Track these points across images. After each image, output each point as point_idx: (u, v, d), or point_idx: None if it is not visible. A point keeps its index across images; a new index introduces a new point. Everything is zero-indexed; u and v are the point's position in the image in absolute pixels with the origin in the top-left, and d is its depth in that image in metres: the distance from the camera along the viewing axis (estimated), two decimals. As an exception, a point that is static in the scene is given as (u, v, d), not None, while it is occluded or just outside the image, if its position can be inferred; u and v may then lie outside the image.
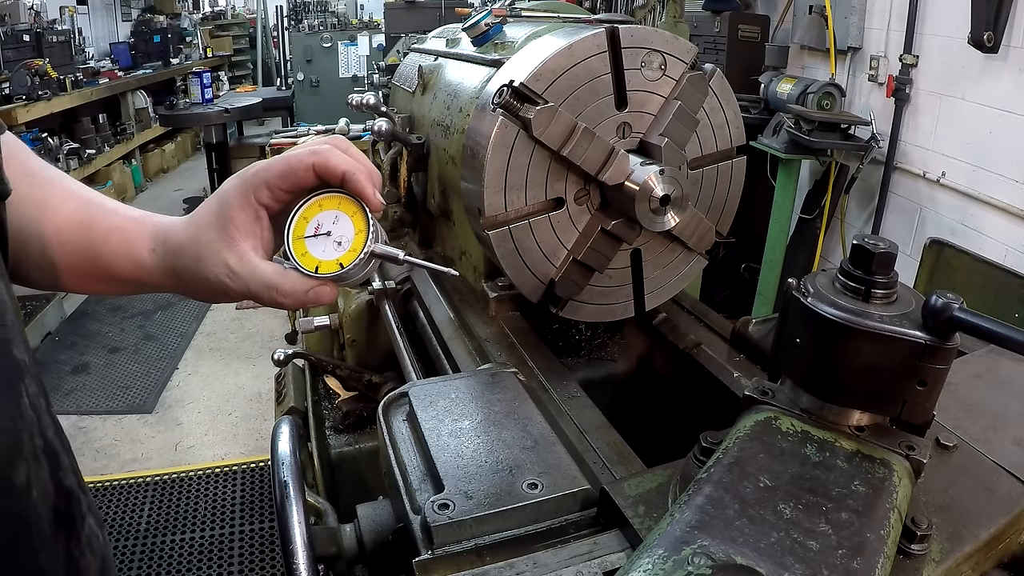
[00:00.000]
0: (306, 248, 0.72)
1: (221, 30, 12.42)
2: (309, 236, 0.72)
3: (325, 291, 0.73)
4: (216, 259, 0.71)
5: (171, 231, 0.75)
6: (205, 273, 0.72)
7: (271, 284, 0.71)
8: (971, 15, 3.01)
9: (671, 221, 1.42)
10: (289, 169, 0.71)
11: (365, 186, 0.71)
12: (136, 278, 0.76)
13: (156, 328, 5.21)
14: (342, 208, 0.72)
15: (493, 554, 0.84)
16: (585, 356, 1.74)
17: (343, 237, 0.72)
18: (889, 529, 0.70)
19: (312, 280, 0.72)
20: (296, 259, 0.72)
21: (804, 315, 0.79)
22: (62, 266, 0.77)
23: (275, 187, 0.71)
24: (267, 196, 0.71)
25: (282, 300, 0.72)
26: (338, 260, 0.72)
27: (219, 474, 3.59)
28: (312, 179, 0.72)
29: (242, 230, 0.71)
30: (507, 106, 1.35)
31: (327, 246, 0.72)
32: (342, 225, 0.72)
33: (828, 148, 3.74)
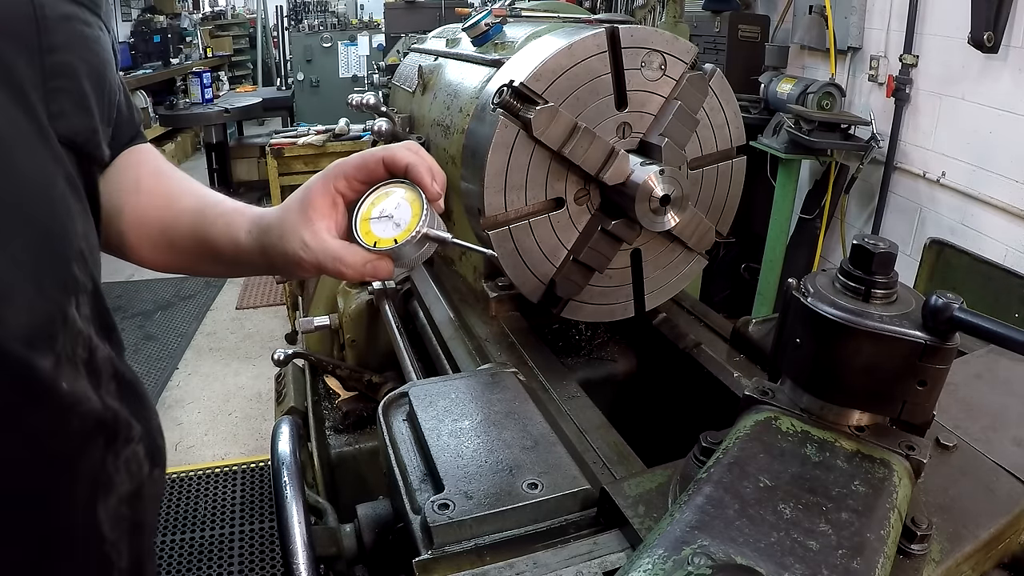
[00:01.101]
0: (370, 227, 0.84)
1: (221, 30, 12.41)
2: (374, 218, 0.84)
3: (382, 264, 0.84)
4: (295, 235, 0.83)
5: (264, 216, 0.89)
6: (286, 247, 0.84)
7: (336, 255, 0.82)
8: (971, 15, 3.01)
9: (671, 221, 1.42)
10: (363, 162, 0.84)
11: (424, 176, 0.83)
12: (234, 256, 0.90)
13: (156, 328, 5.20)
14: (405, 196, 0.84)
15: (493, 554, 0.84)
16: (585, 356, 1.74)
17: (402, 220, 0.83)
18: (889, 529, 0.70)
19: (370, 254, 0.83)
20: (359, 235, 0.83)
21: (804, 315, 0.80)
22: (178, 247, 0.94)
23: (351, 177, 0.84)
24: (344, 185, 0.84)
25: (344, 270, 0.83)
26: (394, 237, 0.83)
27: (219, 474, 3.59)
28: (382, 171, 0.84)
29: (319, 212, 0.83)
30: (507, 106, 1.35)
31: (387, 226, 0.84)
32: (402, 210, 0.84)
33: (828, 148, 3.74)
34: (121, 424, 0.74)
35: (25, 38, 0.66)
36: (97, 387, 0.70)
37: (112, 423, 0.72)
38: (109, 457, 0.72)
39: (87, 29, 0.75)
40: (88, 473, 0.69)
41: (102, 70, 0.77)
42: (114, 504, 0.73)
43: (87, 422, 0.68)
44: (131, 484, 0.75)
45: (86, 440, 0.69)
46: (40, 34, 0.67)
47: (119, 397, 0.75)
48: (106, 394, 0.72)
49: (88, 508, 0.70)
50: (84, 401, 0.67)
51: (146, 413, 0.80)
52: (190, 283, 5.83)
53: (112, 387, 0.74)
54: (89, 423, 0.69)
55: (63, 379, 0.64)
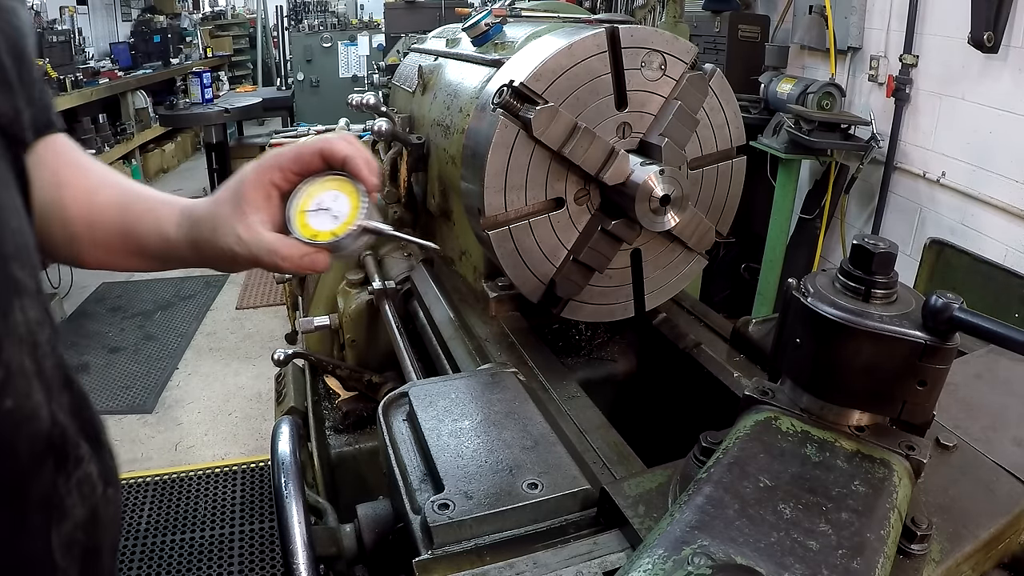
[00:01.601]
0: (306, 220, 0.82)
1: (221, 30, 12.41)
2: (311, 210, 0.83)
3: (319, 258, 0.83)
4: (228, 229, 0.81)
5: (195, 208, 0.86)
6: (219, 242, 0.81)
7: (272, 248, 0.80)
8: (971, 15, 3.00)
9: (671, 221, 1.42)
10: (299, 154, 0.82)
11: (361, 168, 0.82)
12: (163, 251, 0.87)
13: (156, 328, 5.20)
14: (342, 189, 0.83)
15: (493, 554, 0.84)
16: (585, 356, 1.74)
17: (340, 213, 0.82)
18: (889, 529, 0.70)
19: (308, 247, 0.82)
20: (296, 228, 0.82)
21: (804, 315, 0.80)
22: (103, 244, 0.89)
23: (287, 169, 0.82)
24: (279, 177, 0.82)
25: (281, 263, 0.81)
26: (332, 231, 0.82)
27: (219, 474, 3.59)
28: (319, 163, 0.82)
29: (253, 205, 0.81)
30: (507, 106, 1.35)
31: (325, 219, 0.82)
32: (340, 203, 0.83)
33: (828, 148, 3.74)
34: (70, 443, 0.67)
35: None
36: (48, 400, 0.64)
37: (61, 443, 0.66)
38: (60, 479, 0.66)
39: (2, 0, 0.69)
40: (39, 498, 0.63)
41: (19, 43, 0.71)
42: (68, 530, 0.67)
43: (36, 443, 0.62)
44: (84, 508, 0.69)
45: (36, 462, 0.62)
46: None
47: (70, 411, 0.68)
48: (57, 408, 0.66)
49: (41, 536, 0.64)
50: (33, 419, 0.62)
51: (96, 429, 0.74)
52: (190, 283, 5.83)
53: (64, 400, 0.67)
54: (39, 444, 0.63)
55: (9, 395, 0.58)
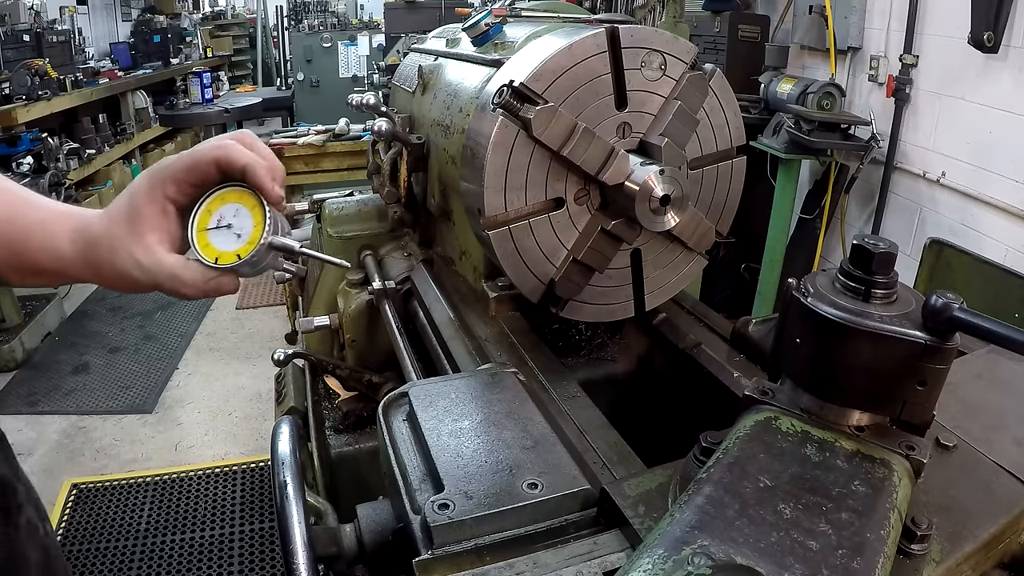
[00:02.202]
0: (208, 240, 0.76)
1: (221, 30, 12.40)
2: (211, 228, 0.76)
3: (225, 281, 0.77)
4: (125, 252, 0.74)
5: (90, 224, 0.78)
6: (116, 265, 0.75)
7: (173, 274, 0.75)
8: (971, 15, 3.00)
9: (671, 221, 1.42)
10: (193, 164, 0.74)
11: (264, 180, 0.75)
12: (58, 269, 0.79)
13: (156, 328, 5.20)
14: (243, 201, 0.76)
15: (493, 554, 0.84)
16: (585, 356, 1.74)
17: (243, 229, 0.76)
18: (889, 529, 0.70)
19: (212, 270, 0.76)
20: (198, 250, 0.76)
21: (804, 315, 0.80)
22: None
23: (181, 181, 0.74)
24: (174, 190, 0.74)
25: (184, 291, 0.76)
26: (236, 252, 0.76)
27: (219, 474, 3.59)
28: (215, 173, 0.75)
29: (149, 223, 0.74)
30: (507, 106, 1.35)
31: (228, 238, 0.76)
32: (242, 218, 0.76)
33: (828, 148, 3.74)
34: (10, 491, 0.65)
35: None
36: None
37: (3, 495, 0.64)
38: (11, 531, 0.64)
39: None
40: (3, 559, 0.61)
41: None
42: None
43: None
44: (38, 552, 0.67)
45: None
46: None
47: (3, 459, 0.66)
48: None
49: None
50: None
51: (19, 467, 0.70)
52: (190, 283, 5.83)
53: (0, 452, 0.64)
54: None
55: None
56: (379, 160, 2.26)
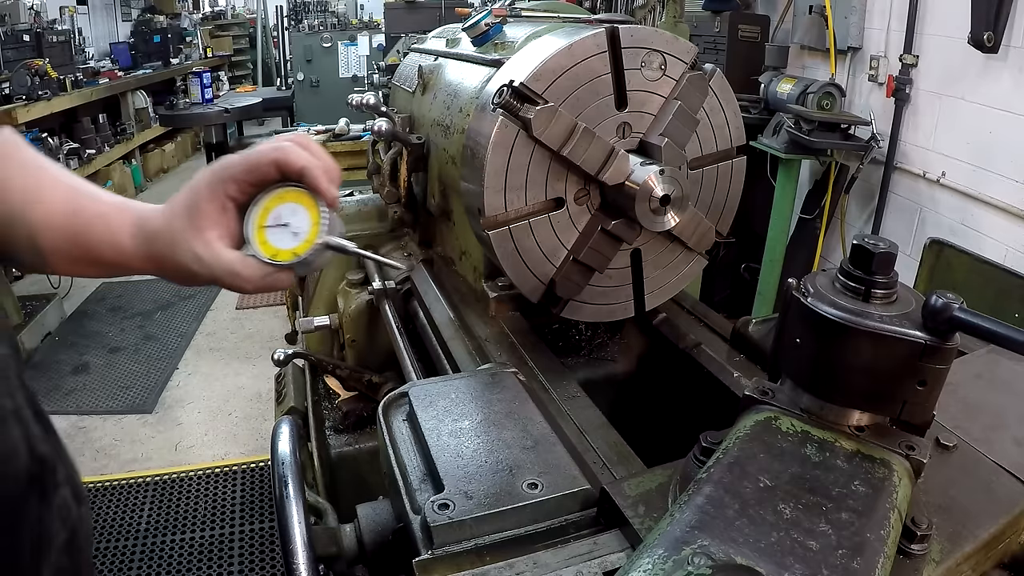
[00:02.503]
0: (265, 237, 0.78)
1: (221, 30, 12.40)
2: (269, 226, 0.78)
3: (281, 277, 0.80)
4: (185, 246, 0.77)
5: (150, 219, 0.80)
6: (176, 258, 0.78)
7: (232, 270, 0.77)
8: (971, 15, 3.00)
9: (671, 221, 1.42)
10: (253, 164, 0.77)
11: (320, 180, 0.77)
12: (118, 261, 0.82)
13: (156, 328, 5.20)
14: (300, 201, 0.79)
15: (493, 554, 0.84)
16: (585, 356, 1.74)
17: (299, 228, 0.79)
18: (889, 529, 0.70)
19: (269, 267, 0.78)
20: (256, 247, 0.78)
21: (804, 315, 0.80)
22: (51, 250, 0.82)
23: (241, 180, 0.77)
24: (234, 189, 0.77)
25: (242, 284, 0.78)
26: (293, 250, 0.78)
27: (219, 474, 3.59)
28: (274, 173, 0.77)
29: (209, 220, 0.77)
30: (507, 106, 1.35)
31: (284, 236, 0.79)
32: (299, 217, 0.79)
33: (828, 148, 3.74)
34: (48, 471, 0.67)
35: None
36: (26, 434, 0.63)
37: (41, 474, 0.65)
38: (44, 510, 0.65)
39: None
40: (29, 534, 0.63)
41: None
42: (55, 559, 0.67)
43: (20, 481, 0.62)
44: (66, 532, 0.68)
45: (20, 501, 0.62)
46: None
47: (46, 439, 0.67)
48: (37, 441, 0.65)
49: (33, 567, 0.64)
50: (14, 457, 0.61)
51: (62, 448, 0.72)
52: (190, 283, 5.83)
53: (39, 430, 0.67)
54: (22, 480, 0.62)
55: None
56: (379, 160, 2.26)
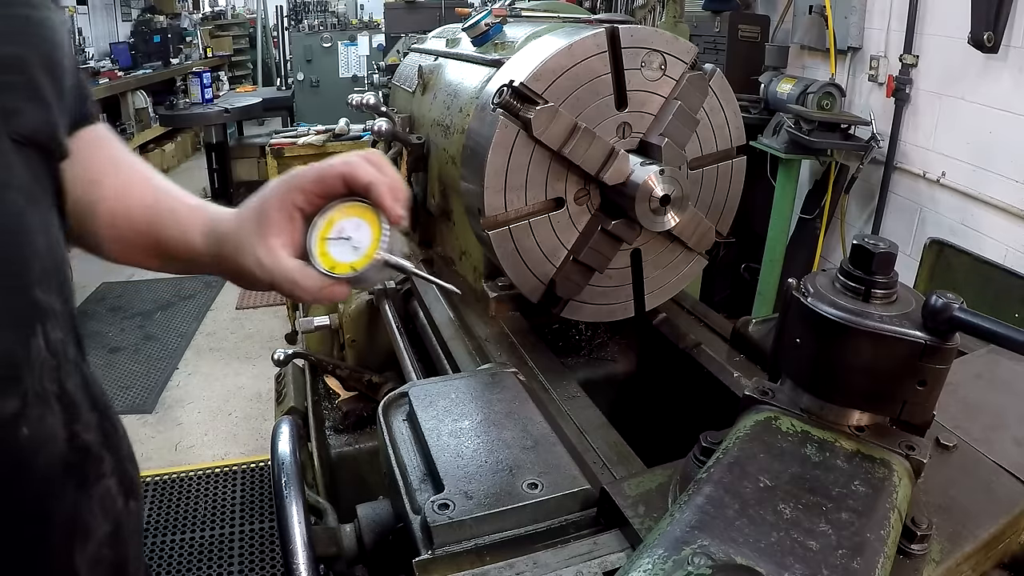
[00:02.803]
0: (326, 249, 0.79)
1: (221, 30, 12.40)
2: (331, 238, 0.79)
3: (338, 290, 0.80)
4: (250, 250, 0.79)
5: (220, 221, 0.84)
6: (240, 261, 0.80)
7: (291, 278, 0.78)
8: (971, 15, 3.00)
9: (671, 221, 1.42)
10: (321, 176, 0.79)
11: (385, 197, 0.78)
12: (187, 258, 0.86)
13: (156, 328, 5.20)
14: (364, 216, 0.79)
15: (493, 554, 0.84)
16: (585, 356, 1.74)
17: (360, 243, 0.79)
18: (889, 529, 0.70)
19: (327, 279, 0.79)
20: (316, 257, 0.79)
21: (804, 315, 0.80)
22: (137, 244, 0.89)
23: (309, 192, 0.79)
24: (302, 199, 0.79)
25: (299, 293, 0.79)
26: (351, 264, 0.79)
27: (219, 474, 3.59)
28: (341, 187, 0.79)
29: (275, 227, 0.79)
30: (507, 106, 1.35)
31: (345, 249, 0.79)
32: (362, 232, 0.79)
33: (828, 148, 3.74)
34: (92, 460, 0.69)
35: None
36: (71, 422, 0.65)
37: (81, 462, 0.67)
38: (82, 499, 0.67)
39: (32, 12, 0.68)
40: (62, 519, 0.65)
41: (53, 55, 0.70)
42: (93, 549, 0.68)
43: (53, 467, 0.63)
44: (108, 524, 0.70)
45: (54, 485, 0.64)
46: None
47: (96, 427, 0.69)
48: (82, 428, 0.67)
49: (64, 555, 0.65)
50: (49, 443, 0.63)
51: (118, 441, 0.75)
52: (190, 283, 5.83)
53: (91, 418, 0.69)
54: (56, 467, 0.63)
55: (25, 423, 0.60)
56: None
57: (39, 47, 0.68)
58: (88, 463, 0.68)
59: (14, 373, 0.60)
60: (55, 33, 0.71)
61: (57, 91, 0.70)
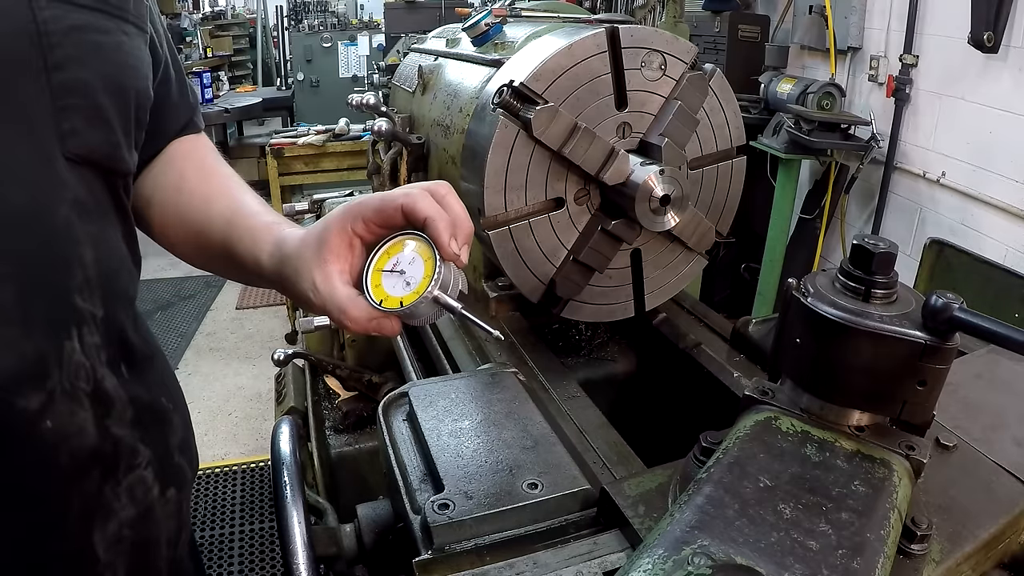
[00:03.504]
0: (380, 281, 0.78)
1: (221, 30, 12.37)
2: (387, 271, 0.78)
3: (387, 324, 0.79)
4: (307, 274, 0.79)
5: (286, 242, 0.85)
6: (298, 283, 0.81)
7: (341, 306, 0.78)
8: (971, 15, 3.00)
9: (671, 221, 1.42)
10: (382, 206, 0.78)
11: (442, 235, 0.76)
12: (255, 272, 0.89)
13: (156, 328, 5.20)
14: (420, 251, 0.78)
15: (493, 554, 0.84)
16: (585, 356, 1.74)
17: (413, 278, 0.77)
18: (889, 529, 0.70)
19: (376, 311, 0.77)
20: (368, 289, 0.78)
21: (804, 315, 0.79)
22: (211, 252, 0.93)
23: (369, 221, 0.79)
24: (362, 227, 0.79)
25: (347, 322, 0.79)
26: (401, 299, 0.77)
27: (219, 474, 3.59)
28: (401, 219, 0.78)
29: (334, 254, 0.79)
30: (507, 106, 1.35)
31: (398, 283, 0.78)
32: (416, 267, 0.78)
33: (828, 148, 3.74)
34: (123, 453, 0.73)
35: (28, 58, 0.64)
36: (104, 416, 0.69)
37: (111, 454, 0.71)
38: (107, 487, 0.71)
39: (103, 38, 0.72)
40: (82, 504, 0.69)
41: (122, 79, 0.74)
42: (114, 529, 0.72)
43: (79, 456, 0.67)
44: (135, 508, 0.74)
45: (78, 473, 0.68)
46: (45, 52, 0.65)
47: (133, 423, 0.73)
48: (114, 423, 0.71)
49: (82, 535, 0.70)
50: (76, 435, 0.67)
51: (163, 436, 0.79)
52: (190, 283, 5.83)
53: (128, 414, 0.73)
54: (82, 457, 0.68)
55: (50, 417, 0.64)
56: (379, 160, 2.26)
57: (106, 72, 0.71)
58: (120, 454, 0.72)
59: (42, 371, 0.64)
60: (128, 57, 0.75)
61: (124, 113, 0.74)
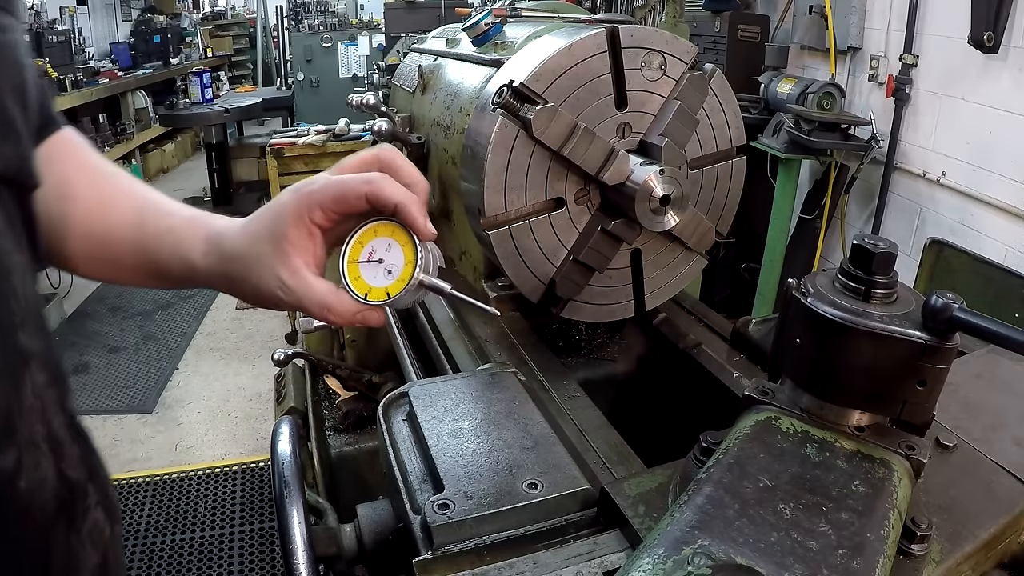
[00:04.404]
0: (359, 273, 0.75)
1: (221, 30, 12.40)
2: (363, 261, 0.75)
3: (373, 315, 0.76)
4: (269, 272, 0.73)
5: (224, 237, 0.77)
6: (257, 283, 0.74)
7: (323, 303, 0.74)
8: (971, 15, 3.00)
9: (671, 221, 1.42)
10: (342, 195, 0.73)
11: (416, 218, 0.73)
12: (188, 276, 0.79)
13: (156, 328, 5.20)
14: (395, 236, 0.75)
15: (493, 554, 0.84)
16: (585, 356, 1.74)
17: (393, 266, 0.75)
18: (889, 529, 0.70)
19: (361, 304, 0.75)
20: (349, 283, 0.75)
21: (804, 315, 0.79)
22: (120, 263, 0.81)
23: (328, 210, 0.73)
24: (320, 216, 0.73)
25: (332, 318, 0.75)
26: (386, 289, 0.75)
27: (219, 474, 3.59)
28: (365, 207, 0.73)
29: (296, 246, 0.73)
30: (507, 106, 1.35)
31: (378, 273, 0.75)
32: (394, 253, 0.75)
33: (828, 148, 3.74)
34: (79, 496, 0.65)
35: None
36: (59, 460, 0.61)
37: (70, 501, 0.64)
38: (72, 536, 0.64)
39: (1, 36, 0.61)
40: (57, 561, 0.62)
41: (22, 79, 0.63)
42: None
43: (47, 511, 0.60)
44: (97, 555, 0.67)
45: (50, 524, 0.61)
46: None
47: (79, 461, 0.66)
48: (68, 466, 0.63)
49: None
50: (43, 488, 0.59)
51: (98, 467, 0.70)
52: (190, 283, 5.84)
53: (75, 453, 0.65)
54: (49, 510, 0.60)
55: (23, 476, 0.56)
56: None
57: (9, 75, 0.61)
58: (76, 499, 0.65)
59: (9, 424, 0.56)
60: (24, 56, 0.64)
61: (26, 119, 0.63)
